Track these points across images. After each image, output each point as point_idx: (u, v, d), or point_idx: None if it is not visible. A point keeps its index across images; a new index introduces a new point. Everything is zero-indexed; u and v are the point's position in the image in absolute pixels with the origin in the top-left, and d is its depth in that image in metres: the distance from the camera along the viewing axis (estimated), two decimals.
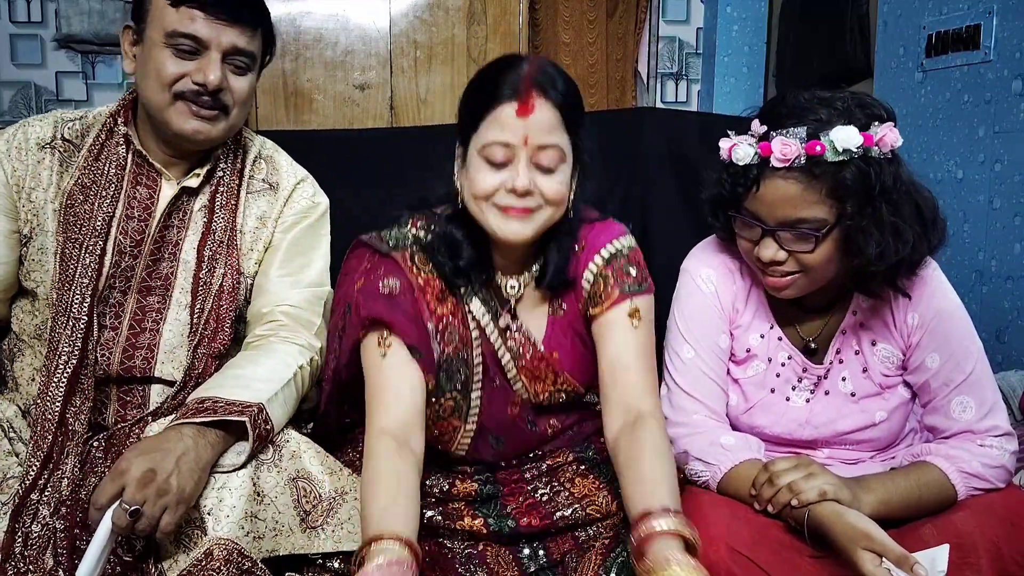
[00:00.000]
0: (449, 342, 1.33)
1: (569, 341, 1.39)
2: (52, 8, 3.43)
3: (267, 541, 1.24)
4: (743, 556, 1.21)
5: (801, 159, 1.24)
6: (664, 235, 2.41)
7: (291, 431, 1.35)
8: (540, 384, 1.38)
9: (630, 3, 3.80)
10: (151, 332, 1.40)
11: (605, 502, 1.37)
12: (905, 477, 1.29)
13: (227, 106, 1.38)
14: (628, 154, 2.45)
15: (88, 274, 1.35)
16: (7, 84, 3.48)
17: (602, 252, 1.37)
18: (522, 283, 1.37)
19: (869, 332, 1.42)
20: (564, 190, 1.27)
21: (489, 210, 1.26)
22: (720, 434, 1.39)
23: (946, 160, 2.62)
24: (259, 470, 1.26)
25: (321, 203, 1.55)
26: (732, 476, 1.33)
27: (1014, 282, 2.40)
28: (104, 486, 1.14)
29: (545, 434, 1.44)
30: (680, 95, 3.95)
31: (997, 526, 1.24)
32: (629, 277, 1.36)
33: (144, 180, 1.42)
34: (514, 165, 1.23)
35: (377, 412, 1.27)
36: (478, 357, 1.36)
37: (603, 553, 1.32)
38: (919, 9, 2.75)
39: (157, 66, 1.34)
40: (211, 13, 1.33)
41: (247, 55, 1.39)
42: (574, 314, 1.39)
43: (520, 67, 1.24)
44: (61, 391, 1.31)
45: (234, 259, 1.43)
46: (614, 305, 1.34)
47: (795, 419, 1.44)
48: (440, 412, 1.36)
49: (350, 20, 3.31)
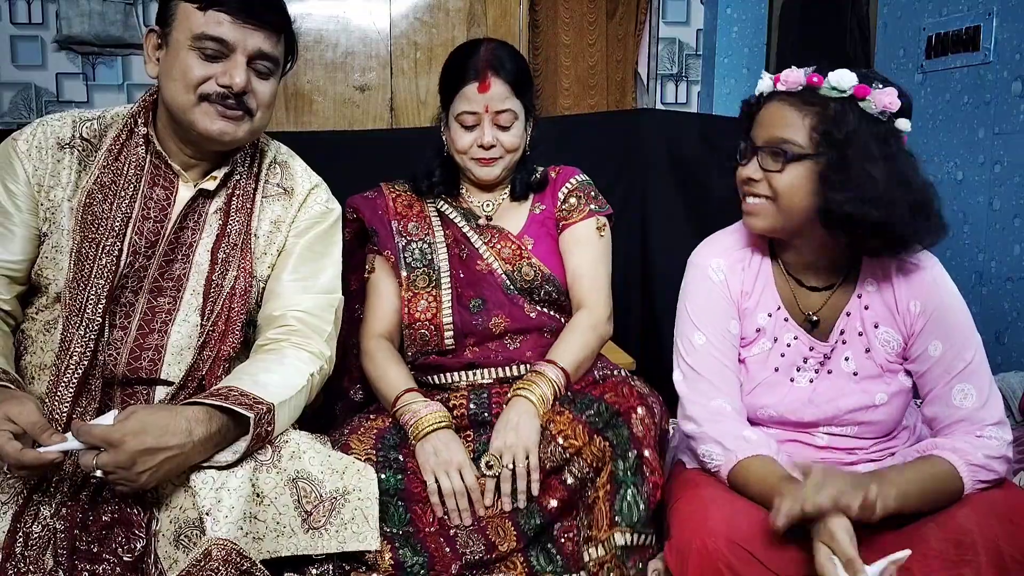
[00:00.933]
0: (411, 229, 1.73)
1: (544, 233, 1.75)
2: (52, 9, 3.44)
3: (268, 542, 1.25)
4: (742, 549, 1.23)
5: (800, 86, 1.39)
6: (664, 235, 2.42)
7: (291, 431, 1.35)
8: (511, 257, 1.72)
9: (630, 5, 3.80)
10: (160, 333, 1.40)
11: (577, 433, 1.47)
12: (918, 471, 1.31)
13: (251, 109, 1.39)
14: (628, 154, 2.45)
15: (104, 275, 1.35)
16: (7, 85, 3.48)
17: (575, 178, 1.80)
18: (495, 201, 1.78)
19: (873, 315, 1.45)
20: (519, 141, 1.71)
21: (467, 161, 1.71)
22: (743, 428, 1.43)
23: (946, 161, 2.63)
24: (258, 471, 1.26)
25: (334, 209, 1.56)
26: (744, 466, 1.36)
27: (1014, 283, 2.40)
28: (100, 430, 1.18)
29: (523, 309, 1.70)
30: (680, 96, 3.95)
31: (997, 524, 1.25)
32: (596, 200, 1.78)
33: (161, 181, 1.43)
34: (481, 127, 1.67)
35: (369, 321, 1.72)
36: (440, 240, 1.73)
37: (609, 501, 1.44)
38: (919, 10, 2.76)
39: (183, 68, 1.34)
40: (238, 17, 1.34)
41: (271, 59, 1.40)
42: (550, 215, 1.77)
43: (478, 52, 1.68)
44: (71, 392, 1.31)
45: (247, 262, 1.43)
46: (585, 219, 1.75)
47: (799, 398, 1.47)
48: (415, 287, 1.69)
49: (351, 22, 3.31)
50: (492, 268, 1.70)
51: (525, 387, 1.54)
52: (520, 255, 1.71)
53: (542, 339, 1.69)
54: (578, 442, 1.46)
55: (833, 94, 1.36)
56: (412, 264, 1.70)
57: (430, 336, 1.68)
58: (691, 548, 1.26)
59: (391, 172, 1.80)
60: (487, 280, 1.70)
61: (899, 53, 2.85)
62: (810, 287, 1.49)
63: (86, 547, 1.25)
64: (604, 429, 1.47)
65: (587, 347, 1.64)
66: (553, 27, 3.74)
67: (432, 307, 1.68)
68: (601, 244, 1.75)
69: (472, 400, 1.61)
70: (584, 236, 1.73)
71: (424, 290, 1.69)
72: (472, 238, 1.73)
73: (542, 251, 1.73)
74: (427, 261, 1.70)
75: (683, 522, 1.34)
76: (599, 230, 1.75)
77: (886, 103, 1.35)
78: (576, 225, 1.74)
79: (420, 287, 1.69)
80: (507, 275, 1.70)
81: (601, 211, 1.76)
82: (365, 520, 1.32)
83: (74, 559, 1.24)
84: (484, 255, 1.71)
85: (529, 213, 1.77)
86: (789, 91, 1.39)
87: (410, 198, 1.77)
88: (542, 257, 1.72)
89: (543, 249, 1.73)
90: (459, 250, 1.73)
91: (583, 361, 1.63)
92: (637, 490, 1.43)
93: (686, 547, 1.28)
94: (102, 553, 1.25)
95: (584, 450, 1.46)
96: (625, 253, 2.39)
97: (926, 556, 1.24)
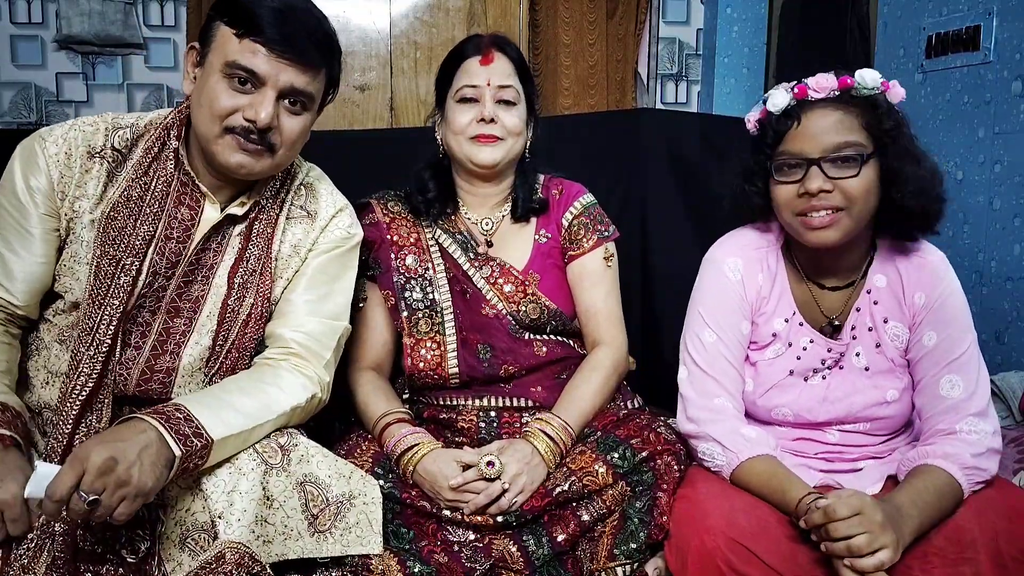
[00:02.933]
0: (410, 264, 1.66)
1: (550, 265, 1.68)
2: (52, 9, 3.44)
3: (276, 545, 1.24)
4: (742, 547, 1.24)
5: (834, 91, 1.38)
6: (664, 235, 2.41)
7: (300, 436, 1.35)
8: (514, 294, 1.64)
9: (630, 4, 3.80)
10: (172, 355, 1.37)
11: (601, 474, 1.44)
12: (924, 491, 1.29)
13: (274, 145, 1.34)
14: (628, 155, 2.45)
15: (120, 295, 1.32)
16: (7, 85, 3.48)
17: (579, 201, 1.71)
18: (495, 220, 1.69)
19: (882, 310, 1.46)
20: (521, 124, 1.63)
21: (465, 143, 1.61)
22: (741, 426, 1.43)
23: (946, 161, 2.63)
24: (268, 474, 1.26)
25: (355, 235, 1.52)
26: (747, 467, 1.37)
27: (1014, 283, 2.40)
28: (63, 474, 1.09)
29: (533, 347, 1.63)
30: (680, 96, 3.95)
31: (996, 523, 1.26)
32: (602, 225, 1.71)
33: (187, 200, 1.38)
34: (482, 102, 1.60)
35: (358, 352, 1.64)
36: (441, 274, 1.65)
37: (612, 535, 1.42)
38: (919, 10, 2.76)
39: (211, 97, 1.30)
40: (274, 50, 1.29)
41: (304, 96, 1.35)
42: (556, 245, 1.70)
43: (480, 36, 1.66)
44: (75, 410, 1.28)
45: (265, 287, 1.41)
46: (592, 249, 1.68)
47: (813, 396, 1.47)
48: (418, 332, 1.62)
49: (351, 21, 3.31)
50: (498, 311, 1.62)
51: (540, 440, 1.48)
52: (524, 292, 1.63)
53: (554, 370, 1.65)
54: (600, 482, 1.43)
55: (865, 92, 1.37)
56: (413, 306, 1.63)
57: (432, 384, 1.62)
58: (690, 546, 1.27)
59: (391, 172, 1.79)
60: (493, 325, 1.62)
61: (899, 53, 2.85)
62: (831, 287, 1.48)
63: (90, 548, 1.25)
64: (629, 474, 1.44)
65: (606, 388, 1.61)
66: (553, 27, 3.74)
67: (436, 355, 1.61)
68: (610, 275, 1.69)
69: (481, 419, 1.60)
70: (593, 269, 1.67)
71: (427, 335, 1.62)
72: (473, 276, 1.64)
73: (549, 285, 1.66)
74: (429, 302, 1.63)
75: (682, 520, 1.35)
76: (607, 260, 1.69)
77: (901, 95, 1.40)
78: (584, 258, 1.67)
79: (423, 332, 1.62)
80: (512, 315, 1.62)
81: (607, 237, 1.70)
82: (369, 525, 1.32)
83: (77, 560, 1.23)
84: (488, 296, 1.63)
85: (534, 243, 1.69)
86: (828, 97, 1.38)
87: (407, 223, 1.68)
88: (549, 291, 1.65)
89: (550, 283, 1.67)
90: (460, 288, 1.64)
91: (601, 406, 1.59)
92: (645, 527, 1.40)
93: (685, 545, 1.29)
94: (106, 554, 1.25)
95: (606, 492, 1.43)
96: (625, 253, 2.38)
97: (926, 555, 1.24)
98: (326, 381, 1.44)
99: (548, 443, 1.48)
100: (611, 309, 1.68)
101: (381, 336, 1.66)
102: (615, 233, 1.72)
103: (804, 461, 1.47)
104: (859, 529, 1.18)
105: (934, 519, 1.28)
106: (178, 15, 3.57)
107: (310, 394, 1.39)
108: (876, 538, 1.18)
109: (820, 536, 1.22)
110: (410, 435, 1.50)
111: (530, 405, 1.61)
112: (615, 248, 1.72)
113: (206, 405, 1.25)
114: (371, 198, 1.71)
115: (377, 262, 1.66)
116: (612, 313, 1.68)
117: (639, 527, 1.40)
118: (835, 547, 1.20)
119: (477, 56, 1.60)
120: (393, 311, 1.65)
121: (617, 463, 1.44)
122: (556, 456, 1.48)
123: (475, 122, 1.59)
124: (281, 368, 1.39)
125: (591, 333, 1.67)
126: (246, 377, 1.38)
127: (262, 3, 1.30)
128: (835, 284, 1.48)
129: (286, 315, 1.44)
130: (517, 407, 1.62)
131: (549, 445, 1.48)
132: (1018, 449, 1.76)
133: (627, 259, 2.42)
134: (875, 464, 1.47)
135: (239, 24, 1.29)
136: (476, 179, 1.68)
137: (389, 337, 1.67)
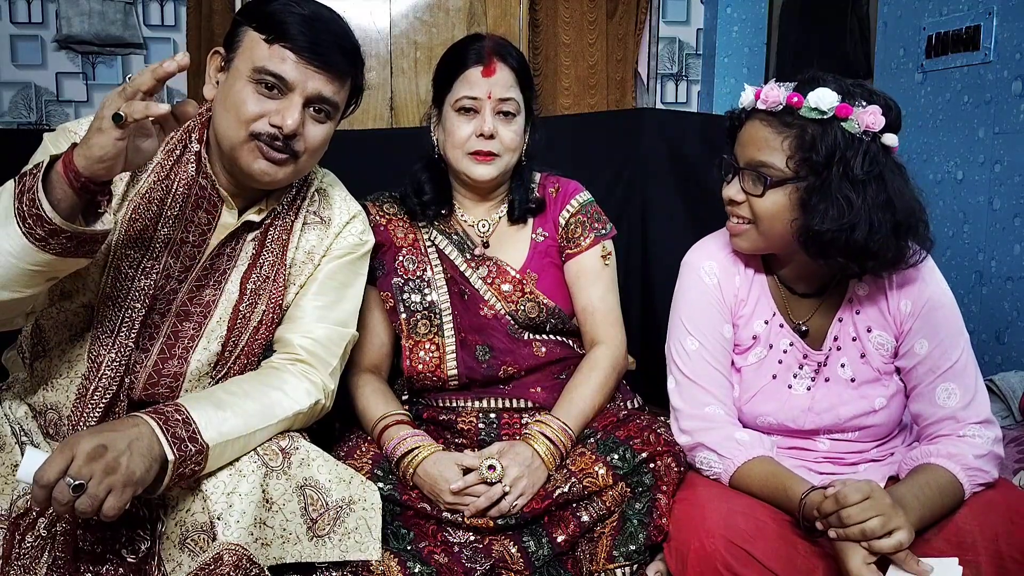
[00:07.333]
0: (408, 266, 1.65)
1: (548, 263, 1.68)
2: (52, 9, 3.44)
3: (275, 548, 1.24)
4: (740, 549, 1.23)
5: (779, 106, 1.34)
6: (664, 235, 2.41)
7: (302, 439, 1.35)
8: (512, 294, 1.63)
9: (630, 4, 3.80)
10: (180, 360, 1.37)
11: (601, 475, 1.44)
12: (926, 486, 1.29)
13: (297, 152, 1.34)
14: (628, 154, 2.45)
15: (141, 298, 1.31)
16: (7, 84, 3.48)
17: (576, 199, 1.71)
18: (491, 222, 1.69)
19: (865, 319, 1.45)
20: (519, 139, 1.63)
21: (463, 158, 1.61)
22: (734, 430, 1.42)
23: (946, 161, 2.63)
24: (268, 477, 1.26)
25: (367, 242, 1.52)
26: (744, 471, 1.37)
27: (1014, 283, 2.40)
28: (51, 460, 1.09)
29: (532, 348, 1.63)
30: (680, 96, 3.96)
31: (997, 524, 1.26)
32: (599, 223, 1.70)
33: (206, 204, 1.37)
34: (481, 115, 1.59)
35: (356, 354, 1.61)
36: (439, 275, 1.65)
37: (612, 537, 1.41)
38: (919, 10, 2.75)
39: (237, 102, 1.30)
40: (303, 57, 1.30)
41: (330, 104, 1.35)
42: (553, 243, 1.69)
43: (482, 41, 1.62)
44: (97, 414, 1.28)
45: (278, 294, 1.41)
46: (590, 248, 1.67)
47: (797, 406, 1.46)
48: (416, 334, 1.62)
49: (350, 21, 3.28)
50: (497, 311, 1.62)
51: (540, 443, 1.48)
52: (522, 291, 1.63)
53: (553, 370, 1.65)
54: (600, 483, 1.43)
55: (813, 115, 1.31)
56: (412, 308, 1.63)
57: (432, 385, 1.62)
58: (689, 548, 1.27)
59: (391, 172, 1.79)
60: (492, 325, 1.63)
61: (899, 53, 2.85)
62: (801, 294, 1.48)
63: (90, 548, 1.25)
64: (629, 475, 1.44)
65: (605, 387, 1.60)
66: (553, 26, 3.74)
67: (435, 357, 1.61)
68: (608, 273, 1.68)
69: (481, 421, 1.60)
70: (591, 267, 1.67)
71: (426, 337, 1.62)
72: (470, 277, 1.64)
73: (547, 284, 1.66)
74: (427, 304, 1.63)
75: (681, 522, 1.35)
76: (604, 258, 1.68)
77: (869, 123, 1.31)
78: (581, 256, 1.67)
79: (422, 333, 1.62)
80: (510, 315, 1.63)
81: (604, 235, 1.69)
82: (368, 531, 1.32)
83: (78, 560, 1.23)
84: (486, 297, 1.63)
85: (531, 243, 1.69)
86: (769, 110, 1.35)
87: (404, 225, 1.68)
88: (547, 290, 1.65)
89: (548, 282, 1.66)
90: (458, 289, 1.64)
91: (600, 405, 1.59)
92: (644, 528, 1.40)
93: (685, 547, 1.29)
94: (105, 554, 1.25)
95: (606, 493, 1.43)
96: (625, 253, 2.39)
97: (926, 556, 1.24)
98: (331, 388, 1.44)
99: (548, 445, 1.48)
100: (609, 307, 1.67)
101: (379, 338, 1.66)
102: (612, 231, 1.71)
103: (804, 463, 1.47)
104: (872, 512, 1.18)
105: (935, 514, 1.28)
106: (178, 15, 3.57)
107: (314, 400, 1.39)
108: (889, 519, 1.18)
109: (832, 524, 1.21)
110: (410, 437, 1.50)
111: (530, 406, 1.61)
112: (613, 246, 1.71)
113: (207, 407, 1.25)
114: (366, 200, 1.70)
115: (381, 264, 1.66)
116: (610, 312, 1.67)
117: (638, 528, 1.40)
118: (850, 531, 1.19)
119: (479, 67, 1.58)
120: (392, 313, 1.65)
121: (617, 464, 1.44)
122: (556, 458, 1.48)
123: (474, 136, 1.58)
124: (287, 373, 1.39)
125: (589, 332, 1.67)
126: (251, 379, 1.37)
127: (292, 10, 1.31)
128: (805, 291, 1.47)
129: (295, 320, 1.44)
130: (517, 408, 1.61)
131: (549, 448, 1.48)
132: (1018, 449, 1.76)
133: (627, 259, 2.43)
134: (875, 466, 1.47)
135: (269, 30, 1.30)
136: (471, 188, 1.69)
137: (388, 339, 1.67)
